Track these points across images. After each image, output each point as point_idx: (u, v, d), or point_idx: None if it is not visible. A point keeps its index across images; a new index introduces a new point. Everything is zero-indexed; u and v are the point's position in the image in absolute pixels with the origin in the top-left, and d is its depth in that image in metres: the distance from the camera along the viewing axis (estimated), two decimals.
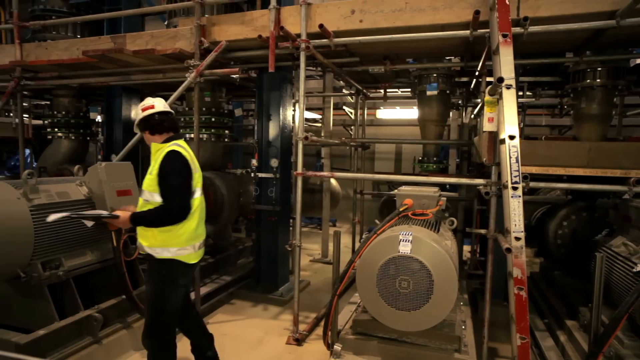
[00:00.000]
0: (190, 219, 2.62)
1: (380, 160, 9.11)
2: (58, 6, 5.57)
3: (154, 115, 2.68)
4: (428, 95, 4.64)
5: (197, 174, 2.68)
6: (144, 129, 2.72)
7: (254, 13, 3.99)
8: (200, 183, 2.73)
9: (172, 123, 2.73)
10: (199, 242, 2.73)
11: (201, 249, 2.78)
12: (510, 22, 2.84)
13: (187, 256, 2.64)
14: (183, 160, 2.56)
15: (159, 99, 2.82)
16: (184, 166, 2.57)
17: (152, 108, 2.69)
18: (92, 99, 6.35)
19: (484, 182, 3.28)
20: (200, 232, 2.74)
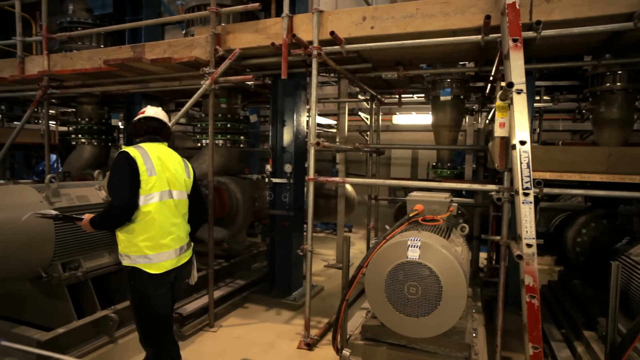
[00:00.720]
0: (147, 224, 2.49)
1: (396, 166, 9.07)
2: (84, 18, 5.82)
3: (140, 120, 2.74)
4: (442, 100, 4.61)
5: (154, 178, 2.52)
6: (129, 132, 2.75)
7: (267, 21, 4.07)
8: (162, 187, 2.56)
9: (150, 128, 2.71)
10: (166, 253, 2.56)
11: (169, 261, 2.57)
12: (520, 27, 2.81)
13: (148, 265, 2.50)
14: (128, 160, 2.47)
15: (155, 108, 2.85)
16: (127, 166, 2.46)
17: (142, 114, 2.77)
18: (113, 106, 6.57)
19: (496, 188, 3.24)
20: (167, 242, 2.56)
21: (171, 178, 2.63)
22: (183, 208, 2.72)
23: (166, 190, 2.59)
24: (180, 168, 2.75)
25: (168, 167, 2.63)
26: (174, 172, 2.67)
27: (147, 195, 2.50)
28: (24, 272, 3.26)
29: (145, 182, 2.49)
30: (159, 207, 2.53)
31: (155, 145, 2.68)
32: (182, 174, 2.74)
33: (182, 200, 2.71)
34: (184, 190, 2.73)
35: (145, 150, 2.57)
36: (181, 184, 2.70)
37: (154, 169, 2.54)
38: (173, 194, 2.63)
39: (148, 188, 2.50)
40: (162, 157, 2.63)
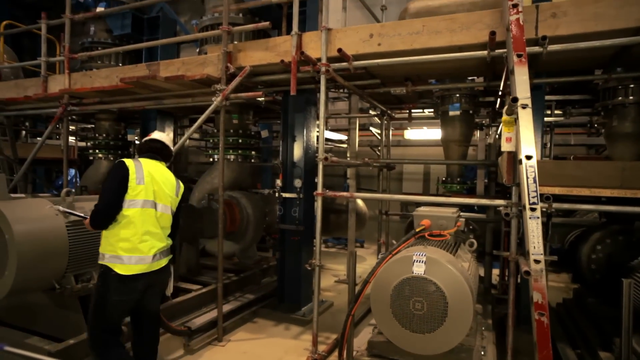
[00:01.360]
0: (125, 227, 2.69)
1: (408, 181, 9.04)
2: (104, 38, 6.06)
3: (145, 140, 3.10)
4: (451, 115, 4.61)
5: (142, 187, 2.75)
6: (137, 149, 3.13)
7: (277, 39, 4.17)
8: (147, 197, 2.77)
9: (152, 147, 3.03)
10: (138, 257, 2.70)
11: (139, 265, 2.70)
12: (524, 43, 2.82)
13: (118, 265, 2.66)
14: (121, 167, 2.75)
15: (161, 133, 3.18)
16: (118, 172, 2.74)
17: (149, 137, 3.12)
18: (130, 122, 6.76)
19: (504, 203, 3.20)
20: (141, 247, 2.71)
21: (158, 191, 2.85)
22: (164, 222, 2.89)
23: (150, 200, 2.79)
24: (170, 186, 2.96)
25: (157, 181, 2.86)
26: (162, 187, 2.88)
27: (132, 200, 2.73)
28: (39, 283, 3.35)
29: (132, 188, 2.73)
30: (139, 213, 2.74)
31: (152, 162, 2.95)
32: (171, 191, 2.95)
33: (165, 215, 2.89)
34: (169, 205, 2.92)
35: (141, 163, 2.85)
36: (167, 200, 2.90)
37: (144, 179, 2.79)
38: (157, 205, 2.83)
39: (134, 194, 2.73)
40: (154, 172, 2.88)
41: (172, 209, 2.96)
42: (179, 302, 4.43)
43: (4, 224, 3.11)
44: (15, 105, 6.18)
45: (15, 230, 3.08)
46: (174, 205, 2.99)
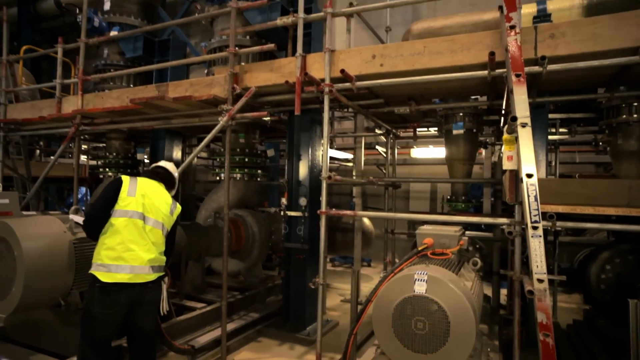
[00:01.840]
0: (111, 235, 2.79)
1: (415, 200, 9.01)
2: (116, 60, 6.26)
3: (152, 167, 3.36)
4: (454, 134, 4.64)
5: (132, 198, 2.87)
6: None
7: (282, 60, 4.27)
8: (136, 208, 2.86)
9: (153, 171, 3.26)
10: (122, 266, 2.74)
11: (122, 274, 2.73)
12: (522, 63, 2.86)
13: (102, 273, 2.73)
14: (115, 182, 2.95)
15: (168, 162, 3.42)
16: (111, 186, 2.93)
17: (156, 164, 3.40)
18: (139, 141, 6.90)
19: (507, 221, 3.19)
20: (125, 256, 2.76)
21: (149, 205, 2.94)
22: (155, 237, 2.94)
23: (139, 211, 2.88)
24: (165, 204, 3.06)
25: (149, 196, 2.97)
26: (155, 203, 2.98)
27: (120, 210, 2.84)
28: (45, 299, 3.40)
29: (122, 199, 2.87)
30: (126, 223, 2.83)
31: (149, 181, 3.10)
32: (165, 209, 3.04)
33: (156, 230, 2.95)
34: (161, 222, 2.99)
35: (137, 180, 3.02)
36: (159, 216, 2.98)
37: (135, 193, 2.92)
38: (146, 219, 2.90)
39: (124, 205, 2.86)
40: (148, 189, 3.01)
41: (165, 226, 3.03)
42: (182, 320, 4.43)
43: (14, 240, 3.18)
44: (31, 125, 6.38)
45: (24, 247, 3.15)
46: (167, 224, 3.05)
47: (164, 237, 3.02)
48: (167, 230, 3.07)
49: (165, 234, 3.04)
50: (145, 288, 2.84)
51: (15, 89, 6.69)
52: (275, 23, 4.34)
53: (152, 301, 2.92)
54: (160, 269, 2.98)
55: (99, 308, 2.72)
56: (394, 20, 8.67)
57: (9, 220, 3.31)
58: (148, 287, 2.86)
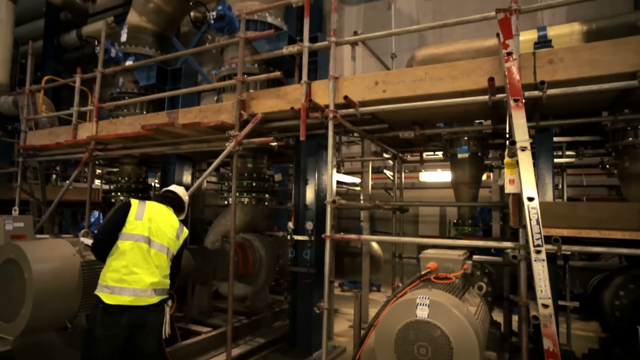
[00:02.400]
0: (117, 258, 2.87)
1: (424, 224, 8.95)
2: (130, 88, 6.50)
3: (162, 191, 3.47)
4: (459, 158, 4.66)
5: (139, 222, 2.95)
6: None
7: (288, 88, 4.40)
8: (143, 232, 2.94)
9: (163, 195, 3.36)
10: (126, 288, 2.80)
11: (125, 297, 2.78)
12: (520, 88, 2.91)
13: (106, 295, 2.79)
14: (124, 205, 3.04)
15: (178, 187, 3.54)
16: (120, 209, 3.03)
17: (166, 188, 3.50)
18: (151, 166, 7.06)
19: (511, 245, 3.17)
20: (129, 279, 2.82)
21: (155, 230, 3.00)
22: (159, 260, 2.99)
23: (145, 235, 2.95)
24: (171, 228, 3.13)
25: (156, 221, 3.04)
26: (161, 227, 3.05)
27: (127, 234, 2.93)
28: (53, 322, 3.44)
29: (129, 222, 2.96)
30: (132, 247, 2.90)
31: (158, 205, 3.19)
32: (171, 233, 3.11)
33: (161, 254, 3.01)
34: (166, 246, 3.05)
35: (145, 204, 3.11)
36: (164, 240, 3.04)
37: (143, 216, 3.00)
38: (152, 242, 2.97)
39: (130, 228, 2.94)
40: (155, 213, 3.09)
41: (170, 250, 3.08)
42: (188, 344, 4.42)
43: (25, 263, 3.26)
44: (48, 151, 6.60)
45: (34, 270, 3.22)
46: (173, 247, 3.11)
47: (168, 260, 3.07)
48: (173, 254, 3.12)
49: (170, 258, 3.09)
50: (147, 311, 2.87)
51: (35, 117, 6.96)
52: (281, 52, 4.49)
53: (154, 324, 2.95)
54: (164, 292, 3.02)
55: (101, 329, 2.76)
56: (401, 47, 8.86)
57: (21, 242, 3.40)
58: (150, 310, 2.89)
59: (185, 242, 3.30)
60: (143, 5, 6.52)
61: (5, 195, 7.74)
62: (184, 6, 6.48)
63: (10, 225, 4.54)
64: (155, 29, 6.61)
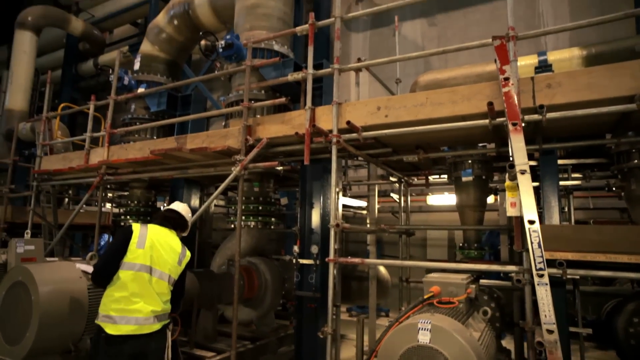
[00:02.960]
0: (118, 288, 2.85)
1: (432, 247, 8.86)
2: (142, 114, 6.70)
3: (164, 210, 3.45)
4: (464, 181, 4.66)
5: (141, 251, 2.93)
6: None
7: (292, 113, 4.50)
8: (144, 261, 2.91)
9: (165, 216, 3.32)
10: (127, 317, 2.80)
11: (127, 326, 2.79)
12: (518, 112, 2.95)
13: (108, 325, 2.78)
14: (125, 231, 3.00)
15: (180, 204, 3.49)
16: (121, 237, 2.99)
17: (168, 207, 3.46)
18: (160, 190, 7.18)
19: (515, 269, 3.14)
20: (130, 308, 2.81)
21: (156, 258, 2.99)
22: (160, 288, 2.98)
23: (146, 264, 2.93)
24: (173, 254, 3.11)
25: (157, 248, 3.02)
26: (163, 255, 3.03)
27: (129, 263, 2.90)
28: (58, 345, 3.46)
29: (131, 251, 2.93)
30: (133, 277, 2.89)
31: (160, 229, 3.16)
32: (172, 259, 3.08)
33: (162, 282, 3.00)
34: (167, 273, 3.03)
35: (147, 228, 3.08)
36: (166, 267, 3.02)
37: (145, 244, 2.97)
38: (153, 271, 2.95)
39: (132, 257, 2.92)
40: (157, 239, 3.05)
41: (171, 277, 3.07)
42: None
43: (32, 285, 3.32)
44: (61, 175, 6.78)
45: (40, 292, 3.28)
46: (175, 274, 3.10)
47: (169, 286, 3.07)
48: (174, 279, 3.12)
49: (171, 284, 3.09)
50: (149, 338, 2.88)
51: (50, 142, 7.18)
52: (286, 78, 4.62)
53: (156, 350, 2.95)
54: (165, 316, 3.03)
55: (103, 358, 2.77)
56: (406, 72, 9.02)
57: (29, 265, 3.47)
58: (153, 337, 2.90)
59: (188, 265, 3.29)
60: (156, 35, 6.80)
61: (19, 218, 7.93)
62: (194, 35, 6.73)
63: (22, 248, 4.64)
64: (166, 58, 6.85)
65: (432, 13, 9.36)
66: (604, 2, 7.13)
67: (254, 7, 5.64)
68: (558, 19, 7.57)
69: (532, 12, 7.89)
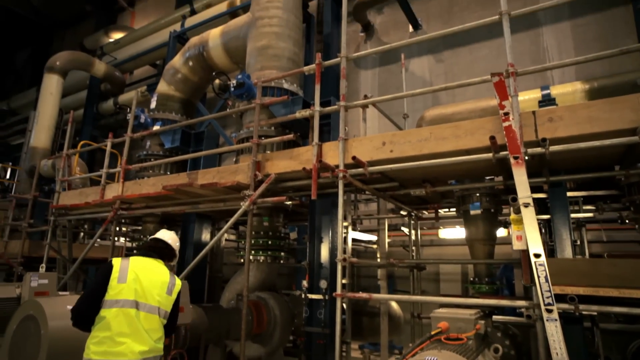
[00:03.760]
0: (102, 329, 2.61)
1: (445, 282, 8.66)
2: (156, 151, 6.93)
3: (149, 238, 3.22)
4: (472, 214, 4.64)
5: (123, 285, 2.68)
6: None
7: (300, 149, 4.61)
8: (128, 296, 2.68)
9: (151, 246, 3.11)
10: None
11: None
12: (519, 146, 2.99)
13: None
14: (104, 270, 2.75)
15: (167, 232, 3.29)
16: (100, 277, 2.75)
17: (154, 235, 3.24)
18: (172, 224, 7.29)
19: (526, 304, 3.07)
20: (114, 350, 2.56)
21: (141, 290, 2.75)
22: (150, 323, 2.74)
23: (130, 299, 2.69)
24: (160, 284, 2.86)
25: (141, 280, 2.78)
26: (149, 287, 2.79)
27: (110, 300, 2.67)
28: None
29: (112, 287, 2.70)
30: (117, 314, 2.64)
31: (144, 260, 2.94)
32: (160, 290, 2.84)
33: (152, 316, 2.76)
34: (157, 306, 2.79)
35: (129, 262, 2.85)
36: (154, 300, 2.78)
37: (127, 277, 2.74)
38: (139, 305, 2.72)
39: (114, 293, 2.68)
40: (141, 271, 2.82)
41: (162, 309, 2.83)
42: None
43: (42, 319, 3.37)
44: (78, 210, 6.97)
45: (50, 326, 3.32)
46: (166, 305, 2.86)
47: (161, 320, 2.83)
48: (166, 312, 2.87)
49: (163, 317, 2.85)
50: None
51: (68, 178, 7.43)
52: (294, 116, 4.76)
53: None
54: (157, 358, 2.79)
55: None
56: (415, 107, 9.19)
57: (41, 299, 3.54)
58: None
59: (180, 295, 3.01)
60: (172, 75, 7.13)
61: (35, 252, 8.11)
62: (208, 75, 7.04)
63: (36, 282, 4.72)
64: (181, 97, 7.15)
65: (438, 50, 9.62)
66: (607, 36, 7.25)
67: (264, 48, 5.91)
68: (563, 53, 7.69)
69: (537, 47, 8.05)
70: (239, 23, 6.59)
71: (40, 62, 13.94)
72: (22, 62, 21.23)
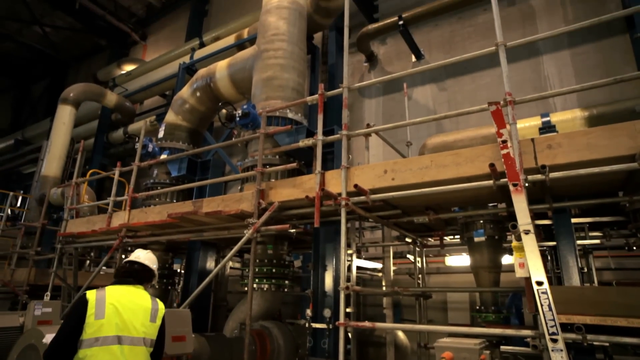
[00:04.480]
0: None
1: (453, 311, 8.46)
2: (163, 179, 7.04)
3: (123, 263, 2.94)
4: (476, 241, 4.62)
5: (100, 321, 2.47)
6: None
7: (303, 177, 4.66)
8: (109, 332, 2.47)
9: (126, 271, 2.82)
10: None
11: None
12: (517, 173, 3.01)
13: None
14: (78, 306, 2.52)
15: (142, 252, 3.02)
16: (73, 310, 2.55)
17: (128, 258, 2.98)
18: (177, 252, 7.32)
19: (531, 334, 3.01)
20: None
21: (123, 323, 2.55)
22: (135, 356, 2.54)
23: (112, 335, 2.49)
24: (143, 312, 2.67)
25: (121, 312, 2.57)
26: (130, 317, 2.59)
27: (89, 339, 2.44)
28: None
29: (89, 325, 2.46)
30: (97, 352, 2.43)
31: (121, 289, 2.71)
32: (144, 318, 2.65)
33: (137, 348, 2.56)
34: (141, 336, 2.60)
35: (105, 293, 2.60)
36: (138, 330, 2.59)
37: (104, 312, 2.52)
38: (122, 339, 2.51)
39: (92, 331, 2.45)
40: (120, 301, 2.61)
41: (148, 338, 2.64)
42: None
43: (43, 348, 3.36)
44: (84, 237, 7.03)
45: None
46: (151, 334, 2.67)
47: (147, 350, 2.63)
48: (152, 340, 2.67)
49: (150, 346, 2.65)
50: None
51: (77, 206, 7.54)
52: (297, 145, 4.85)
53: None
54: None
55: None
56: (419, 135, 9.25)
57: (43, 328, 3.54)
58: None
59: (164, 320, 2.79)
60: (180, 106, 7.33)
61: (41, 280, 8.14)
62: (214, 106, 7.23)
63: (40, 310, 4.73)
64: (188, 126, 7.32)
65: (441, 79, 9.78)
66: (607, 64, 7.34)
67: (269, 79, 6.09)
68: (564, 80, 7.78)
69: (538, 75, 8.16)
70: (245, 55, 6.81)
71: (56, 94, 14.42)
72: (39, 94, 21.97)
